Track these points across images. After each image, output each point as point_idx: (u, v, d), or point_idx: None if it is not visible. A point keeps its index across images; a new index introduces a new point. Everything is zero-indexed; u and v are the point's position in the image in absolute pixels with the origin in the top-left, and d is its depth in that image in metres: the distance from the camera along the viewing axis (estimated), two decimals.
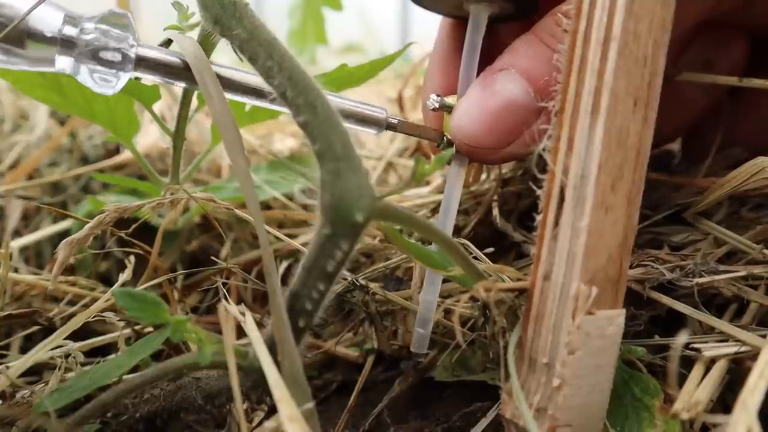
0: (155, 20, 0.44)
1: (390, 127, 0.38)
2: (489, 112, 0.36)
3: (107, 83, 0.34)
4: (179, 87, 0.40)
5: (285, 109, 0.31)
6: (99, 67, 0.34)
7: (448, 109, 0.39)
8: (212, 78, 0.33)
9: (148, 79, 0.36)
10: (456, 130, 0.37)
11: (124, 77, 0.34)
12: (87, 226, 0.38)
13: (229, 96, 0.36)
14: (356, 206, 0.27)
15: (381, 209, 0.28)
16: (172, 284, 0.45)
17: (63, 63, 0.34)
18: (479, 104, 0.37)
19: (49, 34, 0.33)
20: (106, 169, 0.66)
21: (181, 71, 0.35)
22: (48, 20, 0.33)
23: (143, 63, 0.34)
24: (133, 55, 0.34)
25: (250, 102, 0.37)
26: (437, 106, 0.39)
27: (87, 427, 0.32)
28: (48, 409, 0.30)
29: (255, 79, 0.36)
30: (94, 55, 0.33)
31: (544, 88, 0.35)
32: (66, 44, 0.33)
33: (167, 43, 0.37)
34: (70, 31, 0.33)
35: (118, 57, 0.33)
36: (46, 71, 0.34)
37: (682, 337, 0.30)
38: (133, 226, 0.42)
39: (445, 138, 0.39)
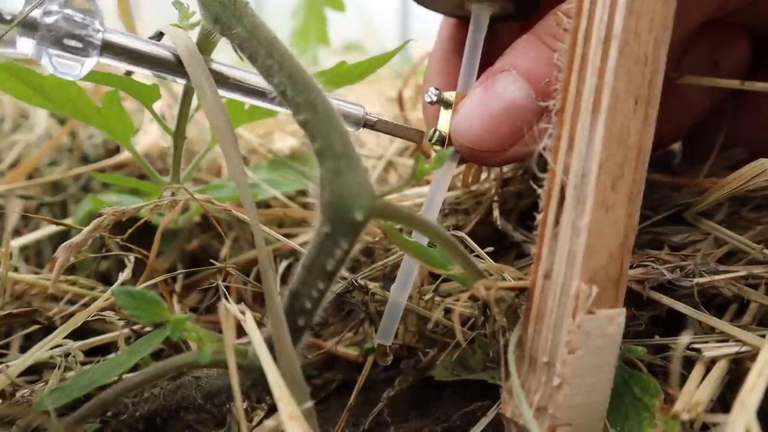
0: (155, 19, 0.44)
1: (368, 125, 0.38)
2: (490, 115, 0.36)
3: (70, 69, 0.33)
4: (179, 86, 0.40)
5: (280, 108, 0.31)
6: (62, 52, 0.33)
7: (446, 104, 0.38)
8: (205, 73, 0.33)
9: (117, 66, 0.35)
10: (457, 133, 0.37)
11: (89, 63, 0.33)
12: (85, 230, 0.38)
13: (226, 95, 0.36)
14: (356, 204, 0.27)
15: (380, 208, 0.28)
16: (169, 285, 0.44)
17: (24, 45, 0.32)
18: (480, 106, 0.36)
19: (9, 16, 0.31)
20: (106, 168, 0.66)
21: (150, 57, 0.34)
22: (10, 0, 0.32)
23: (110, 49, 0.33)
24: (97, 42, 0.33)
25: (247, 101, 0.37)
26: (435, 99, 0.38)
27: (87, 426, 0.32)
28: (48, 408, 0.30)
29: (253, 78, 0.36)
30: (57, 39, 0.32)
31: (545, 89, 0.35)
32: (28, 26, 0.32)
33: (159, 35, 0.37)
34: (32, 12, 0.32)
35: (81, 43, 0.32)
36: (8, 53, 0.33)
37: (684, 338, 0.30)
38: (131, 230, 0.42)
39: (438, 134, 0.39)
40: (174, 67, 0.35)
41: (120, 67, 0.35)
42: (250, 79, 0.36)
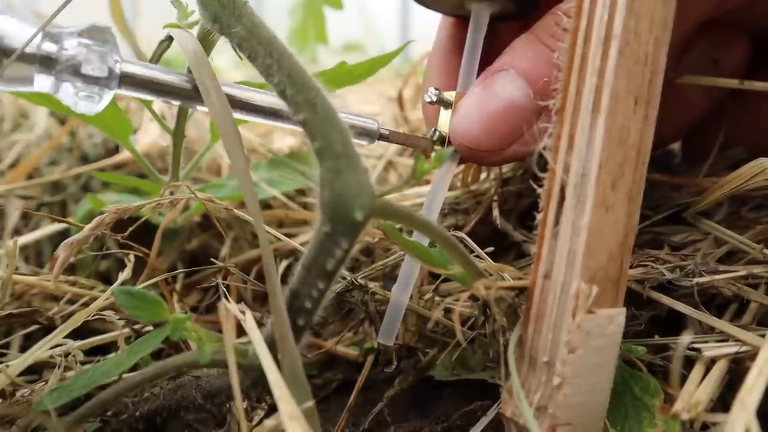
0: (155, 19, 0.44)
1: (382, 137, 0.38)
2: (489, 114, 0.36)
3: (90, 100, 0.33)
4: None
5: (297, 127, 0.31)
6: (82, 84, 0.32)
7: (446, 104, 0.38)
8: (210, 74, 0.33)
9: (134, 96, 0.35)
10: (455, 133, 0.37)
11: (108, 94, 0.33)
12: (87, 227, 0.38)
13: (240, 116, 0.36)
14: (356, 204, 0.27)
15: (380, 207, 0.28)
16: (169, 285, 0.44)
17: (42, 82, 0.32)
18: (479, 106, 0.36)
19: (27, 51, 0.31)
20: (106, 168, 0.66)
21: (168, 87, 0.34)
22: (25, 37, 0.31)
23: (128, 79, 0.33)
24: (118, 71, 0.33)
25: (263, 122, 0.36)
26: (434, 99, 0.39)
27: (87, 426, 0.32)
28: (48, 408, 0.30)
29: (269, 99, 0.35)
30: (75, 71, 0.32)
31: (543, 89, 0.35)
32: (45, 62, 0.31)
33: (168, 39, 0.37)
34: (49, 47, 0.31)
35: (102, 73, 0.32)
36: (24, 91, 0.32)
37: (685, 338, 0.30)
38: (131, 228, 0.42)
39: (438, 133, 0.39)
40: (191, 95, 0.34)
41: (138, 96, 0.35)
42: (263, 99, 0.36)
